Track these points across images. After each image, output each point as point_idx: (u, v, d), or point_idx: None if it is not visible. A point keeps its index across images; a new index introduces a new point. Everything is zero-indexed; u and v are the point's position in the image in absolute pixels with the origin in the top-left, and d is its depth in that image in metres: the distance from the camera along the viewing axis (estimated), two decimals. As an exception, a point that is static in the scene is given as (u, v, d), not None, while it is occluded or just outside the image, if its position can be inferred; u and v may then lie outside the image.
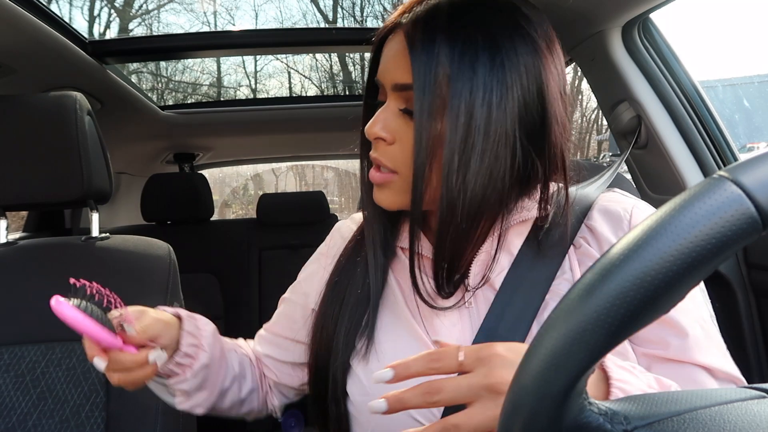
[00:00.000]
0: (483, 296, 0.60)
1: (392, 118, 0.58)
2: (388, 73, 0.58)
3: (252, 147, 2.60)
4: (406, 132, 0.57)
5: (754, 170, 0.25)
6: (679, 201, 0.26)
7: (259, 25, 6.62)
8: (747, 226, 0.24)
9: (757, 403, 0.30)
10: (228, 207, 9.56)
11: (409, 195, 0.57)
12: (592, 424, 0.29)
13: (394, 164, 0.58)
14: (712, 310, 0.60)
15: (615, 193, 0.65)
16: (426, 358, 0.44)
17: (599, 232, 0.60)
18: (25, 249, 1.03)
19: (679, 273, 0.25)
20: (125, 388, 0.60)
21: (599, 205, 0.63)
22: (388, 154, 0.58)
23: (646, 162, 1.21)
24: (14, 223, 1.84)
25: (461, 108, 0.53)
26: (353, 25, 6.60)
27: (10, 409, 0.89)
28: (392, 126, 0.58)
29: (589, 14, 1.07)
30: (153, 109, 1.90)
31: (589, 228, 0.61)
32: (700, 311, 0.56)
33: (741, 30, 8.45)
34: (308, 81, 5.94)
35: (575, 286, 0.27)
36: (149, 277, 0.99)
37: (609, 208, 0.62)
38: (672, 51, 1.14)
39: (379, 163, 0.59)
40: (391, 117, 0.58)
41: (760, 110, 3.89)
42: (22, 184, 0.98)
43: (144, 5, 5.53)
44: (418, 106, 0.54)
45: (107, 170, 1.05)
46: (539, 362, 0.27)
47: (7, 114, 0.98)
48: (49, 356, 0.92)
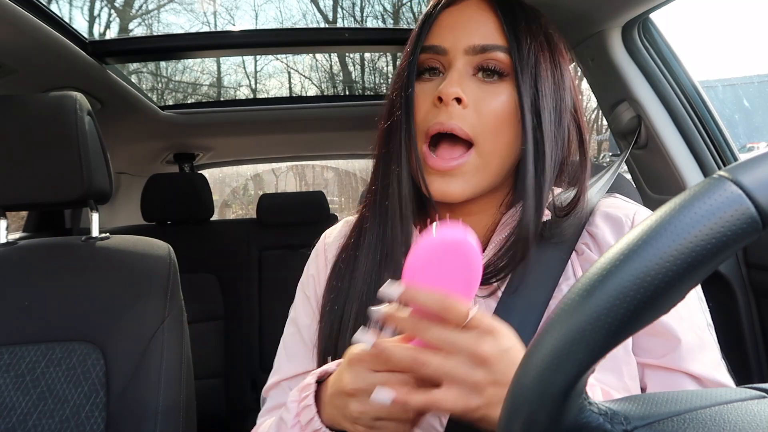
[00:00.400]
0: (485, 305, 0.59)
1: (466, 81, 0.56)
2: (463, 36, 0.57)
3: (252, 147, 2.60)
4: (483, 97, 0.56)
5: (754, 170, 0.25)
6: (679, 201, 0.26)
7: (259, 25, 6.62)
8: (747, 226, 0.24)
9: (757, 403, 0.30)
10: (228, 207, 9.56)
11: (480, 176, 0.56)
12: (592, 424, 0.29)
13: (473, 130, 0.55)
14: (709, 317, 0.59)
15: (616, 199, 0.65)
16: (440, 298, 0.42)
17: (601, 238, 0.60)
18: (25, 249, 1.03)
19: (679, 273, 0.25)
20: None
21: (601, 210, 0.62)
22: (467, 118, 0.55)
23: (646, 162, 1.21)
24: (14, 223, 1.84)
25: (545, 78, 0.57)
26: (353, 25, 6.60)
27: (10, 409, 0.89)
28: (468, 89, 0.56)
29: (589, 14, 1.07)
30: (153, 109, 1.90)
31: (590, 234, 0.61)
32: (694, 318, 0.56)
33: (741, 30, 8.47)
34: (308, 81, 5.95)
35: (575, 286, 0.27)
36: (149, 277, 0.99)
37: (611, 214, 0.61)
38: (672, 51, 1.14)
39: (455, 129, 0.54)
40: (465, 79, 0.56)
41: (760, 110, 3.89)
42: (22, 184, 0.98)
43: (144, 5, 5.53)
44: (521, 68, 0.55)
45: (107, 170, 1.05)
46: (539, 362, 0.27)
47: (7, 114, 0.98)
48: (49, 356, 0.92)
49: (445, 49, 0.58)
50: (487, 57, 0.56)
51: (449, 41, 0.58)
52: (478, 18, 0.58)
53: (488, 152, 0.56)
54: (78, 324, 0.94)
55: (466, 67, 0.57)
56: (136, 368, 0.92)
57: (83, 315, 0.95)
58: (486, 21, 0.58)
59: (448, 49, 0.58)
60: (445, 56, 0.58)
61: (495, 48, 0.56)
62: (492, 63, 0.56)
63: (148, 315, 0.95)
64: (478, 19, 0.58)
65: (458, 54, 0.57)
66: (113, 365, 0.92)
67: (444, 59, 0.58)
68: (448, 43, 0.58)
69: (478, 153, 0.56)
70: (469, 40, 0.57)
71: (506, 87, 0.57)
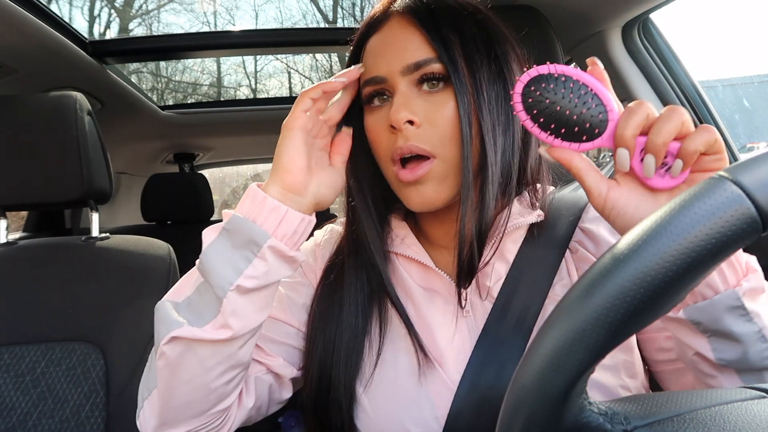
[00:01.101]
0: (481, 306, 0.60)
1: (413, 101, 0.56)
2: (394, 59, 0.57)
3: (252, 147, 2.60)
4: (433, 110, 0.56)
5: (754, 170, 0.25)
6: (679, 201, 0.26)
7: (259, 25, 6.62)
8: (747, 227, 0.24)
9: (757, 403, 0.30)
10: (228, 207, 9.55)
11: (450, 181, 0.57)
12: (592, 424, 0.29)
13: (431, 146, 0.56)
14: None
15: None
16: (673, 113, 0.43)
17: (596, 234, 0.60)
18: (25, 249, 1.03)
19: (679, 273, 0.25)
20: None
21: (589, 205, 0.62)
22: (421, 136, 0.56)
23: (646, 162, 1.21)
24: (14, 223, 1.84)
25: (484, 79, 0.56)
26: (353, 25, 6.60)
27: (10, 409, 0.89)
28: (416, 108, 0.56)
29: (589, 14, 1.07)
30: (153, 109, 1.90)
31: (584, 231, 0.61)
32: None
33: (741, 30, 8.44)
34: (308, 81, 5.94)
35: (575, 286, 0.27)
36: (149, 276, 0.99)
37: None
38: (672, 51, 1.14)
39: (414, 149, 0.55)
40: (411, 99, 0.56)
41: (760, 110, 3.88)
42: (22, 184, 0.98)
43: (144, 5, 5.53)
44: (454, 73, 0.55)
45: (107, 170, 1.05)
46: (539, 362, 0.27)
47: (7, 114, 0.98)
48: (49, 356, 0.92)
49: (383, 78, 0.58)
50: (423, 71, 0.56)
51: (384, 68, 0.58)
52: (403, 36, 0.58)
53: (450, 158, 0.56)
54: (78, 324, 0.94)
55: (409, 86, 0.57)
56: (136, 368, 0.92)
57: (83, 315, 0.95)
58: (411, 36, 0.57)
59: (385, 77, 0.58)
60: (386, 83, 0.58)
61: (427, 62, 0.56)
62: (430, 74, 0.57)
63: (148, 315, 0.95)
64: (404, 37, 0.58)
65: (396, 77, 0.57)
66: (113, 365, 0.92)
67: (387, 85, 0.58)
68: (383, 70, 0.58)
69: (441, 160, 0.57)
70: (402, 60, 0.57)
71: (449, 93, 0.57)
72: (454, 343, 0.59)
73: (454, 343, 0.59)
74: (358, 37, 0.62)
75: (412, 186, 0.57)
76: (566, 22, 1.10)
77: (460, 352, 0.58)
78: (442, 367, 0.58)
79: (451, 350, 0.59)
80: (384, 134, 0.58)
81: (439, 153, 0.56)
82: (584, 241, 0.61)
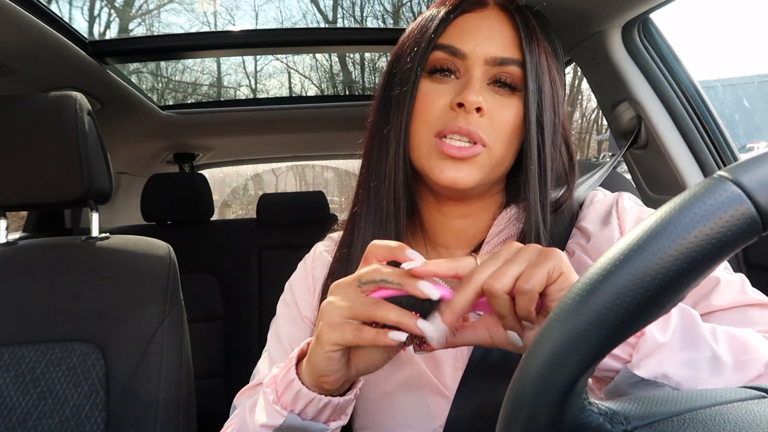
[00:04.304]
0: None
1: (484, 91, 0.57)
2: (484, 44, 0.57)
3: (252, 147, 2.60)
4: (497, 107, 0.57)
5: (754, 170, 0.25)
6: (679, 201, 0.26)
7: (259, 25, 6.62)
8: (747, 227, 0.24)
9: (757, 403, 0.30)
10: (228, 207, 9.55)
11: (486, 172, 0.58)
12: (591, 424, 0.29)
13: (488, 137, 0.57)
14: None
15: (599, 191, 0.67)
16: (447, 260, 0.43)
17: (591, 231, 0.61)
18: (25, 249, 1.03)
19: (678, 273, 0.25)
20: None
21: (586, 205, 0.64)
22: (483, 126, 0.57)
23: (646, 162, 1.21)
24: (14, 223, 1.84)
25: (547, 94, 0.59)
26: (353, 25, 6.60)
27: (10, 409, 0.89)
28: (486, 98, 0.57)
29: (589, 14, 1.07)
30: (153, 109, 1.90)
31: (580, 230, 0.62)
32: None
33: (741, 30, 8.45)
34: (308, 81, 5.95)
35: (575, 286, 0.27)
36: (149, 277, 0.99)
37: (596, 206, 0.63)
38: (672, 51, 1.14)
39: (473, 134, 0.56)
40: (483, 89, 0.57)
41: (760, 110, 3.89)
42: (22, 184, 0.98)
43: (144, 5, 5.53)
44: (532, 84, 0.57)
45: (107, 170, 1.05)
46: (539, 362, 0.27)
47: (7, 114, 0.98)
48: (49, 356, 0.92)
49: (465, 54, 0.57)
50: (503, 70, 0.57)
51: (469, 46, 0.57)
52: (499, 28, 0.59)
53: (497, 156, 0.58)
54: (78, 324, 0.94)
55: (484, 76, 0.58)
56: (136, 368, 0.92)
57: (83, 315, 0.95)
58: (505, 33, 0.58)
59: (467, 54, 0.57)
60: (463, 60, 0.58)
61: (511, 62, 0.57)
62: (506, 76, 0.58)
63: (148, 315, 0.95)
64: (500, 30, 0.58)
65: (478, 62, 0.57)
66: (113, 365, 0.92)
67: (461, 63, 0.58)
68: (467, 47, 0.57)
69: (488, 153, 0.57)
70: (490, 50, 0.57)
71: (515, 101, 0.58)
72: (450, 351, 0.58)
73: (450, 351, 0.58)
74: (449, 8, 0.60)
75: (451, 161, 0.57)
76: (566, 22, 1.10)
77: (456, 360, 0.58)
78: (437, 377, 0.58)
79: (447, 358, 0.59)
80: (440, 107, 0.58)
81: (491, 147, 0.57)
82: (580, 242, 0.61)
